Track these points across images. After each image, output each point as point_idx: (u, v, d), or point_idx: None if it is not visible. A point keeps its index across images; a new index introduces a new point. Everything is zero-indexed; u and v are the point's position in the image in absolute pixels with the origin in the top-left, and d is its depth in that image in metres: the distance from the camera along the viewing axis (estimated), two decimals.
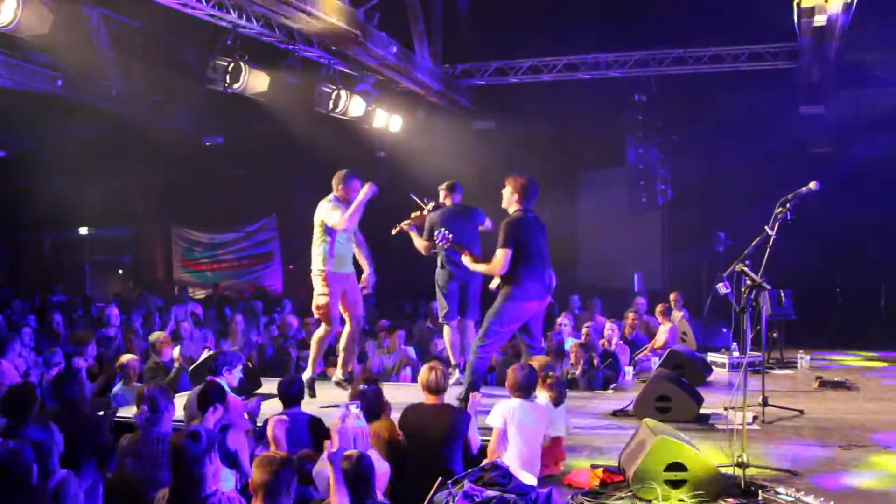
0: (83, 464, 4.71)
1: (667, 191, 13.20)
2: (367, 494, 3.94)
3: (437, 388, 5.20)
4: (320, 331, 7.08)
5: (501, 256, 6.07)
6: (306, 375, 7.00)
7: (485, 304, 6.89)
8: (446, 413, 5.13)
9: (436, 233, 6.69)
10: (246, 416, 5.62)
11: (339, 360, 7.23)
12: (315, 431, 5.24)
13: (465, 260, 6.45)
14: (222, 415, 5.11)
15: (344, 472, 3.92)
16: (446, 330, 7.53)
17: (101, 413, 6.15)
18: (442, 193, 7.53)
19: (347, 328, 7.12)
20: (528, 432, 4.99)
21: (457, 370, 7.30)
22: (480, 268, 6.41)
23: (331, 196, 6.88)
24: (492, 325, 6.18)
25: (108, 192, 16.26)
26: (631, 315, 10.12)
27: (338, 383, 7.12)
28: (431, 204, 7.46)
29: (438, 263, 7.38)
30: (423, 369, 5.29)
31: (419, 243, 7.36)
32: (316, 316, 7.10)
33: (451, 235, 6.50)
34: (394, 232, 7.50)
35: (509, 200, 6.30)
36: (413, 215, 7.48)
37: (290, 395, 5.51)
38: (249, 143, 15.08)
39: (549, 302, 6.85)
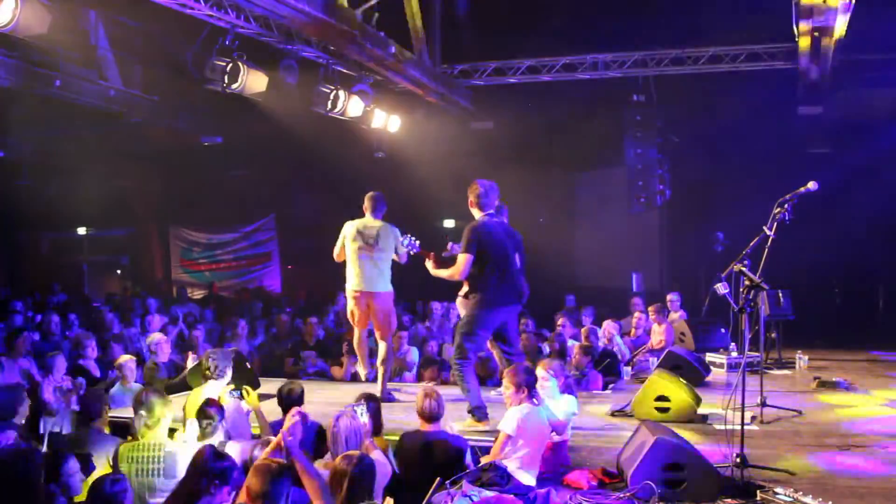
0: None
1: (665, 191, 13.19)
2: (362, 495, 3.92)
3: (432, 416, 5.16)
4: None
5: (462, 261, 6.03)
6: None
7: None
8: (442, 441, 5.09)
9: (401, 238, 6.72)
10: None
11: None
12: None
13: (428, 265, 6.42)
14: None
15: (342, 472, 3.92)
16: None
17: None
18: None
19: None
20: (533, 437, 4.99)
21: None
22: (442, 273, 6.33)
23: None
24: (464, 336, 6.09)
25: (107, 192, 16.24)
26: (637, 314, 10.15)
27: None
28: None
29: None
30: (419, 396, 5.21)
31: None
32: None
33: (417, 242, 6.49)
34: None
35: (471, 208, 6.31)
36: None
37: (292, 401, 5.49)
38: (248, 143, 15.06)
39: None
